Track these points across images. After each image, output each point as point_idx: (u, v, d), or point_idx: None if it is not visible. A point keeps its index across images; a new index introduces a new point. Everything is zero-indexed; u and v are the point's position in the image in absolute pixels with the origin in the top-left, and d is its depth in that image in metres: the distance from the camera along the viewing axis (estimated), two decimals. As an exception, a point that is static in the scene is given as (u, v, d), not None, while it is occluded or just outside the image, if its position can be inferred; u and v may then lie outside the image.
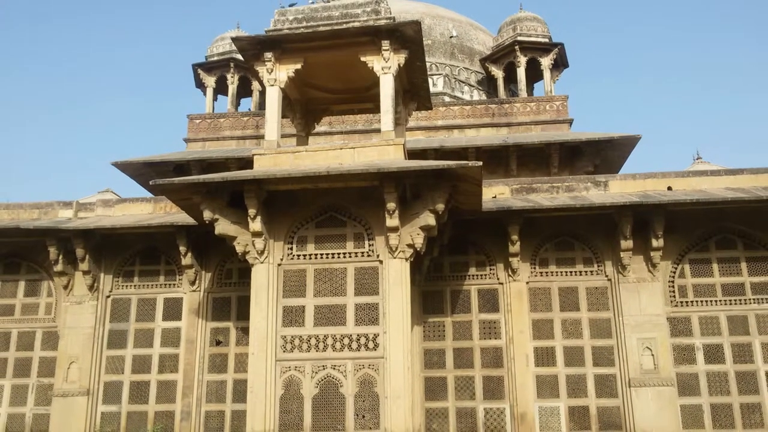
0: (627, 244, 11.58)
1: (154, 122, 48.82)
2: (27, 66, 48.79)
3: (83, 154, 48.56)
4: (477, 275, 12.25)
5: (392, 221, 9.86)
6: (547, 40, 19.60)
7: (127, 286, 12.86)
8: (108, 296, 12.80)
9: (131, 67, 51.23)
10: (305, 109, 12.54)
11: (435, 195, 9.95)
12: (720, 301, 11.76)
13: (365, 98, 12.38)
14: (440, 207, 9.95)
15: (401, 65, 10.63)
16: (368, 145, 10.52)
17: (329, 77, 11.84)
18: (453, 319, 12.08)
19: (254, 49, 10.80)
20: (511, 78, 20.02)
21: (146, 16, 52.78)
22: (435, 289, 12.25)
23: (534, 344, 11.81)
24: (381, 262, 10.12)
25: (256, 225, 10.03)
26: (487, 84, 20.72)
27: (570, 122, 18.13)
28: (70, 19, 50.99)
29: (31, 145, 48.13)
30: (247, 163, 14.06)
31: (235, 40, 10.84)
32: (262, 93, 17.27)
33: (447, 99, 19.36)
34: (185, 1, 54.26)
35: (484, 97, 20.23)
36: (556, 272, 12.13)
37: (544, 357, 11.76)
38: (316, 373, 9.86)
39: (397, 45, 10.51)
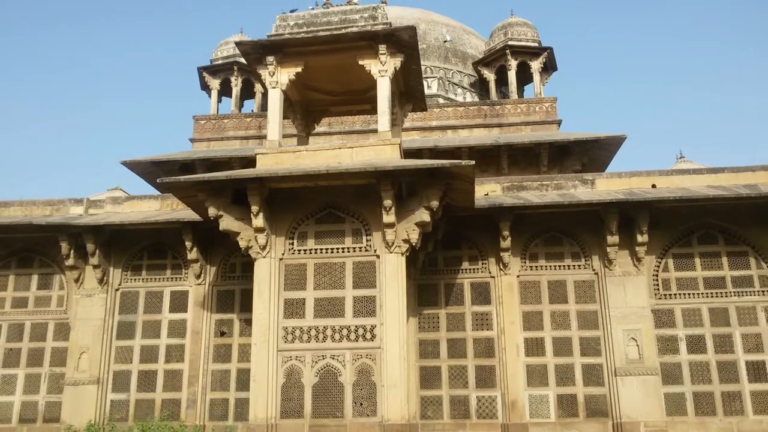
0: (613, 239, 12.00)
1: (161, 123, 49.30)
2: (41, 69, 49.21)
3: (94, 154, 49.06)
4: (470, 269, 12.64)
5: (389, 218, 10.23)
6: (536, 44, 19.88)
7: (135, 279, 13.24)
8: (117, 289, 13.19)
9: (140, 70, 51.78)
10: (305, 110, 12.89)
11: (429, 192, 10.33)
12: (702, 293, 12.17)
13: (363, 100, 12.76)
14: (435, 204, 10.33)
15: (397, 68, 11.00)
16: (366, 145, 10.87)
17: (329, 80, 12.21)
18: (447, 311, 12.46)
19: (257, 53, 11.16)
20: (502, 80, 20.34)
21: (154, 22, 53.37)
22: (430, 282, 12.62)
23: (524, 335, 12.19)
24: (378, 256, 10.49)
25: (259, 221, 10.40)
26: (480, 86, 21.05)
27: (559, 123, 18.39)
28: (80, 24, 51.52)
29: (45, 144, 48.66)
30: (250, 162, 14.33)
31: (238, 44, 11.17)
32: (264, 95, 17.52)
33: (441, 101, 19.70)
34: (191, 8, 54.78)
35: (476, 99, 20.56)
36: (546, 266, 12.53)
37: (534, 347, 12.16)
38: (316, 362, 10.25)
39: (394, 49, 10.88)
